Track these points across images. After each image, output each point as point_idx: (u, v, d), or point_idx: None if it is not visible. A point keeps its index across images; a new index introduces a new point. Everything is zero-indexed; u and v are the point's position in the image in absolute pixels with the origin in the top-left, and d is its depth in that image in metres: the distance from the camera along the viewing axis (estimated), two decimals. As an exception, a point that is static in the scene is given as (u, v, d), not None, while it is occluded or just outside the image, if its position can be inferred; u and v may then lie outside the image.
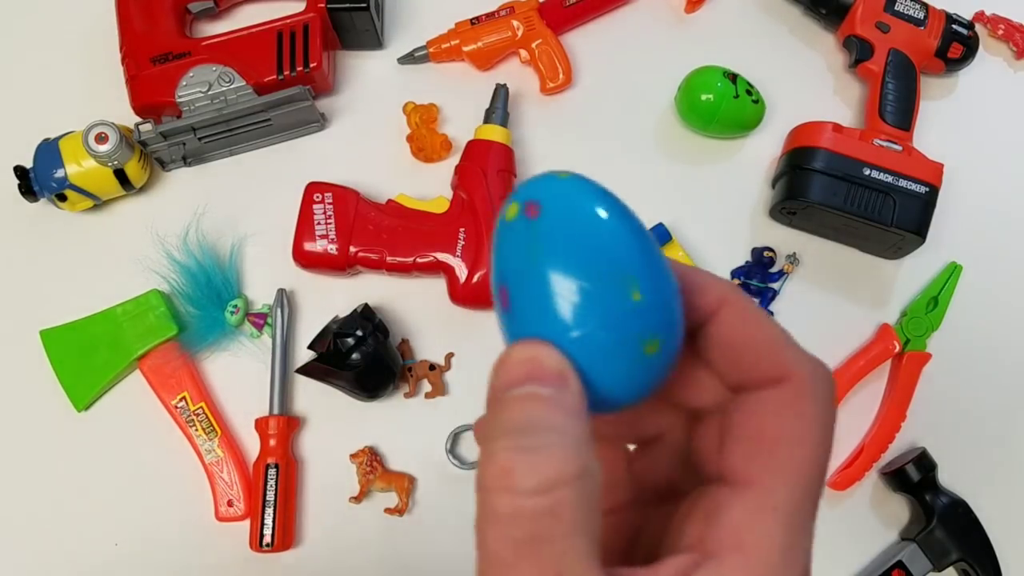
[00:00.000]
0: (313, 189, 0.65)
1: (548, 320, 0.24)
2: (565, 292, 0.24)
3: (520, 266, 0.25)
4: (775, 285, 0.68)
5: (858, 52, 0.69)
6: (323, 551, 0.65)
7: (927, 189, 0.65)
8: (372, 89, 0.72)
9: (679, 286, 0.26)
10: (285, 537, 0.62)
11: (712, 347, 0.27)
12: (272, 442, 0.63)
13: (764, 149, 0.70)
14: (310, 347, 0.63)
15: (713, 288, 0.27)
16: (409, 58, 0.71)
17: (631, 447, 0.31)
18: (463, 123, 0.70)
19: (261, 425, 0.64)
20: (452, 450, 0.65)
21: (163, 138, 0.66)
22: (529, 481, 0.21)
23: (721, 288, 0.27)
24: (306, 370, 0.63)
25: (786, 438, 0.25)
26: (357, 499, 0.63)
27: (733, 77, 0.67)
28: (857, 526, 0.66)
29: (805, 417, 0.25)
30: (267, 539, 0.62)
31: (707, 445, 0.27)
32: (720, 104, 0.67)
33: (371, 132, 0.71)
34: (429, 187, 0.68)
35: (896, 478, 0.64)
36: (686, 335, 0.26)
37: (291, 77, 0.66)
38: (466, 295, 0.64)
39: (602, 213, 0.24)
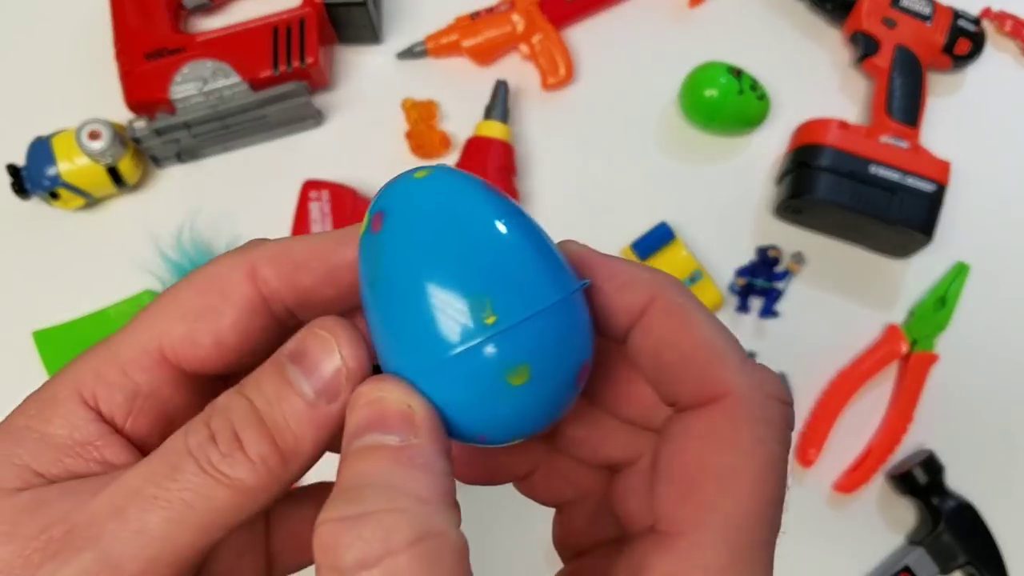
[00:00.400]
0: (310, 187, 0.65)
1: (398, 349, 0.21)
2: (411, 315, 0.21)
3: (368, 288, 0.22)
4: (780, 285, 0.67)
5: (864, 48, 0.69)
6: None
7: (934, 187, 0.64)
8: (370, 85, 0.71)
9: (595, 285, 0.22)
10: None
11: (639, 356, 0.23)
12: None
13: (769, 146, 0.69)
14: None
15: (640, 283, 0.22)
16: (408, 53, 0.70)
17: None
18: (463, 119, 0.69)
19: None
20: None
21: (157, 135, 0.65)
22: (351, 556, 0.18)
23: (650, 282, 0.22)
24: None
25: (716, 474, 0.20)
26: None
27: (737, 73, 0.66)
28: (863, 529, 0.65)
29: (741, 447, 0.20)
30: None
31: (636, 486, 0.24)
32: (724, 100, 0.66)
33: (369, 129, 0.70)
34: (428, 185, 0.67)
35: (903, 481, 0.63)
36: (619, 340, 0.23)
37: (287, 73, 0.65)
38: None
39: (452, 216, 0.21)
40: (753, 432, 0.20)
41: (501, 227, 0.21)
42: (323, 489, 0.28)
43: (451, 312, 0.20)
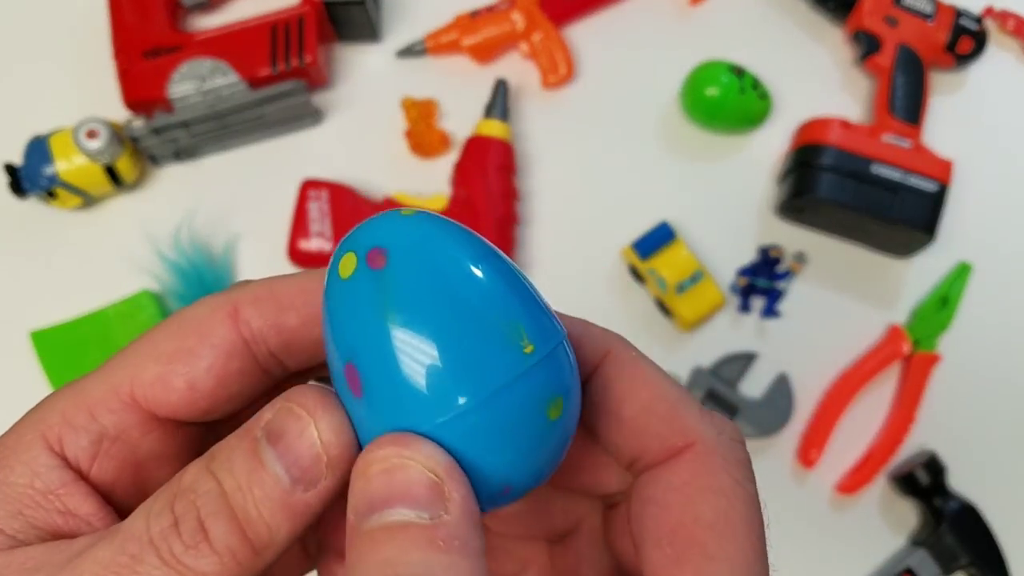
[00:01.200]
0: (308, 186, 0.64)
1: (418, 400, 0.19)
2: (439, 356, 0.18)
3: (371, 334, 0.19)
4: (781, 284, 0.67)
5: (866, 46, 0.68)
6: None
7: (936, 186, 0.64)
8: (369, 83, 0.70)
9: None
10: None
11: (595, 413, 0.22)
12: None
13: (771, 145, 0.69)
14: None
15: (591, 338, 0.21)
16: (407, 52, 0.70)
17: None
18: (462, 118, 0.68)
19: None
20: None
21: (155, 134, 0.65)
22: None
23: (601, 337, 0.21)
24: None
25: (709, 524, 0.19)
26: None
27: (739, 72, 0.66)
28: (865, 530, 0.65)
29: (725, 492, 0.20)
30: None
31: (623, 541, 0.23)
32: (726, 99, 0.65)
33: (368, 127, 0.69)
34: (427, 184, 0.67)
35: (905, 482, 0.63)
36: None
37: (286, 71, 0.65)
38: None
39: (467, 252, 0.20)
40: (731, 475, 0.20)
41: (502, 262, 0.20)
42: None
43: (489, 343, 0.18)
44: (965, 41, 0.68)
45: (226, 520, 0.19)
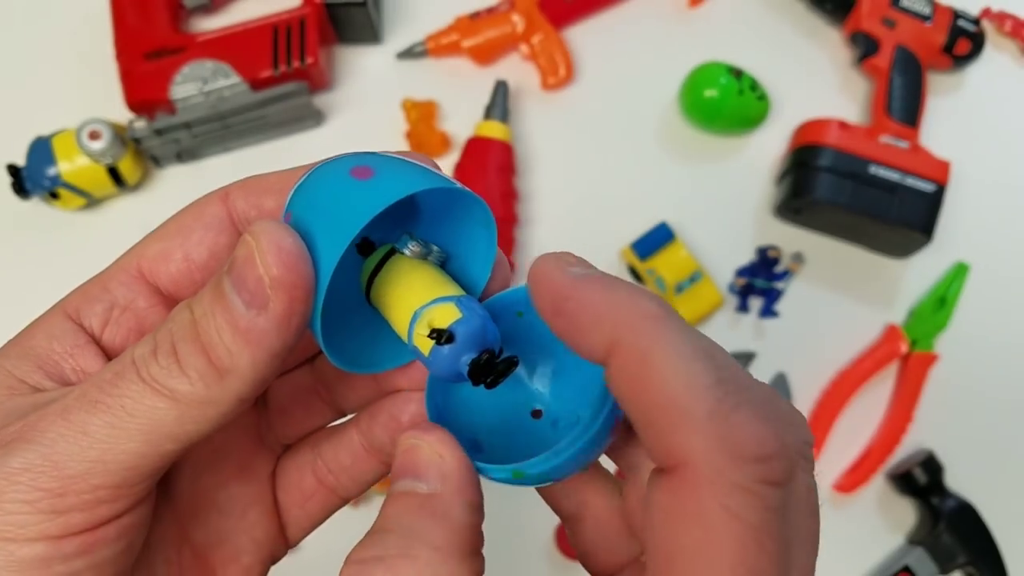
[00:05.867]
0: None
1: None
2: None
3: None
4: (780, 285, 0.67)
5: (864, 48, 0.69)
6: (322, 553, 0.63)
7: (934, 187, 0.64)
8: (370, 85, 0.71)
9: (566, 318, 0.21)
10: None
11: (614, 391, 0.21)
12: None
13: (769, 146, 0.69)
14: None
15: (602, 323, 0.20)
16: (408, 53, 0.70)
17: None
18: (462, 120, 0.69)
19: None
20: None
21: (157, 135, 0.65)
22: None
23: (611, 322, 0.19)
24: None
25: (687, 555, 0.18)
26: (355, 502, 0.62)
27: (737, 73, 0.66)
28: (863, 529, 0.65)
29: (708, 523, 0.18)
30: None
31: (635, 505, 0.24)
32: (724, 100, 0.66)
33: (369, 128, 0.69)
34: (428, 185, 0.67)
35: (903, 481, 0.63)
36: None
37: (287, 73, 0.65)
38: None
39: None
40: (721, 503, 0.18)
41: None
42: (320, 435, 0.28)
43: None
44: (963, 42, 0.69)
45: (192, 343, 0.21)
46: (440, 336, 0.22)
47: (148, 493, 0.22)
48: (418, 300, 0.24)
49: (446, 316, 0.23)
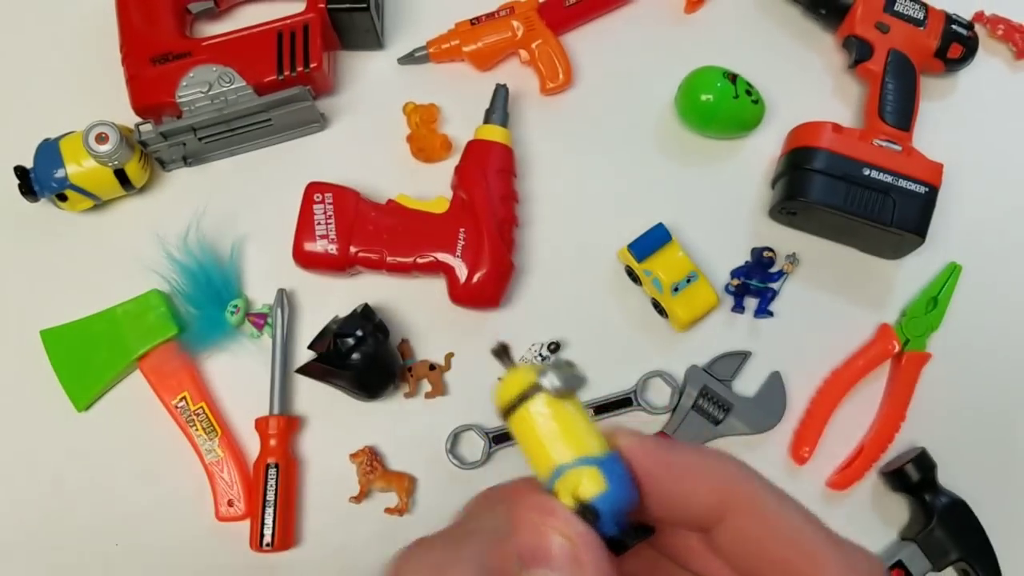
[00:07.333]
0: (313, 189, 0.65)
1: None
2: None
3: None
4: (775, 285, 0.68)
5: (858, 52, 0.69)
6: (323, 551, 0.65)
7: (927, 189, 0.65)
8: (372, 89, 0.72)
9: (659, 475, 0.23)
10: (285, 537, 0.62)
11: (727, 555, 0.23)
12: (272, 442, 0.63)
13: (764, 149, 0.70)
14: (310, 347, 0.63)
15: (712, 478, 0.22)
16: (409, 58, 0.71)
17: None
18: (463, 123, 0.70)
19: (261, 425, 0.64)
20: (452, 450, 0.65)
21: (163, 138, 0.66)
22: None
23: (723, 479, 0.22)
24: (306, 370, 0.63)
25: None
26: (357, 499, 0.63)
27: (733, 77, 0.67)
28: (857, 526, 0.66)
29: None
30: (267, 539, 0.62)
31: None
32: (720, 104, 0.67)
33: (371, 132, 0.71)
34: (429, 187, 0.68)
35: (896, 478, 0.64)
36: (698, 530, 0.24)
37: (291, 77, 0.66)
38: (466, 295, 0.64)
39: None
40: None
41: None
42: None
43: None
44: (956, 47, 0.69)
45: None
46: (585, 512, 0.22)
47: None
48: (560, 456, 0.23)
49: (591, 485, 0.22)
